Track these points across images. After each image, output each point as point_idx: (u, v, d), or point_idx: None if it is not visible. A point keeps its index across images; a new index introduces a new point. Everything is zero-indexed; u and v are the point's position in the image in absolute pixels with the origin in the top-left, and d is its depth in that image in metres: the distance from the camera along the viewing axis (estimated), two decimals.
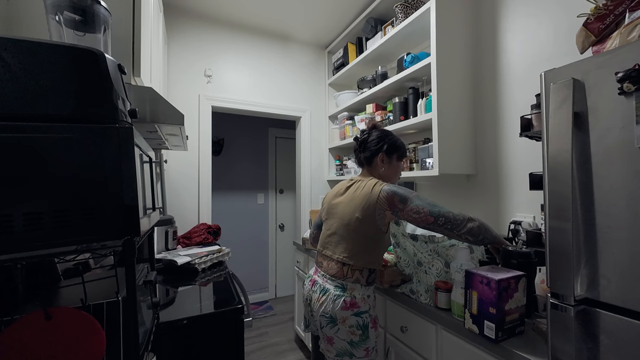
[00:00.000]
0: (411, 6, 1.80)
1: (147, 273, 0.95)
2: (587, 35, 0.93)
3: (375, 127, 1.29)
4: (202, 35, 2.27)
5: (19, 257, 0.50)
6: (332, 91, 2.70)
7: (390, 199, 1.09)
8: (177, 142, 1.66)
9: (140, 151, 0.69)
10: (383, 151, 1.22)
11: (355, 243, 1.14)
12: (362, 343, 1.09)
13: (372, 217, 1.11)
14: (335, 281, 1.14)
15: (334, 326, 1.10)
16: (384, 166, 1.23)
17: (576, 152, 0.70)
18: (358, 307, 1.10)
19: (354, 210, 1.14)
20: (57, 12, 0.66)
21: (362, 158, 1.27)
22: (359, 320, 1.09)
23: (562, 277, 0.69)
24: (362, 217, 1.12)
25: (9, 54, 0.47)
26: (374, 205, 1.10)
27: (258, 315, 3.11)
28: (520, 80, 1.43)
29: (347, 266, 1.13)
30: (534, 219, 1.31)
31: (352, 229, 1.14)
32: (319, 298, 1.14)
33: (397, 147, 1.24)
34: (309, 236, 1.47)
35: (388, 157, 1.23)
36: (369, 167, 1.26)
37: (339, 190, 1.27)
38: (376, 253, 1.16)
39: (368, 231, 1.13)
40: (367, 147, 1.24)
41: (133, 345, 0.58)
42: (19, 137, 0.47)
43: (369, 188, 1.14)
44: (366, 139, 1.26)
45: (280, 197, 3.69)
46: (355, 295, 1.11)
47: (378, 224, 1.12)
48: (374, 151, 1.23)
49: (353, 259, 1.13)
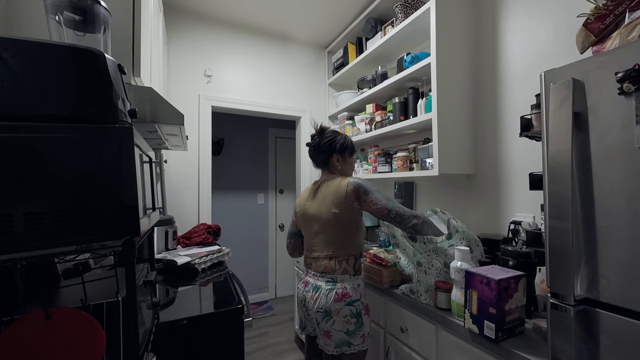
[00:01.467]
0: (411, 6, 1.79)
1: (147, 273, 0.95)
2: (587, 35, 0.93)
3: (323, 130, 1.35)
4: (202, 35, 2.27)
5: (19, 257, 0.50)
6: (332, 91, 2.70)
7: (357, 191, 1.20)
8: (177, 142, 1.66)
9: (140, 151, 0.69)
10: (337, 152, 1.31)
11: (338, 235, 1.23)
12: (358, 330, 1.16)
13: (346, 207, 1.21)
14: (325, 277, 1.21)
15: (330, 319, 1.16)
16: (340, 164, 1.32)
17: (576, 152, 0.70)
18: (350, 297, 1.17)
19: (329, 208, 1.23)
20: (57, 12, 0.66)
21: (319, 161, 1.34)
22: (352, 309, 1.16)
23: (562, 277, 0.69)
24: (339, 211, 1.21)
25: (9, 54, 0.47)
26: (344, 198, 1.21)
27: (258, 315, 3.11)
28: (520, 80, 1.43)
29: (335, 259, 1.22)
30: (534, 219, 1.31)
31: (332, 224, 1.23)
32: (313, 296, 1.21)
33: (347, 145, 1.33)
34: (287, 247, 1.49)
35: (341, 155, 1.32)
36: (327, 168, 1.34)
37: (308, 195, 1.35)
38: (357, 238, 1.26)
39: (347, 221, 1.22)
40: (321, 150, 1.31)
41: (133, 345, 0.58)
42: (19, 137, 0.47)
43: (337, 184, 1.24)
44: (318, 142, 1.32)
45: (280, 197, 3.69)
46: (345, 286, 1.18)
47: (354, 213, 1.23)
48: (327, 153, 1.31)
49: (339, 250, 1.22)
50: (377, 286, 1.41)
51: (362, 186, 1.20)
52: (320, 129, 1.35)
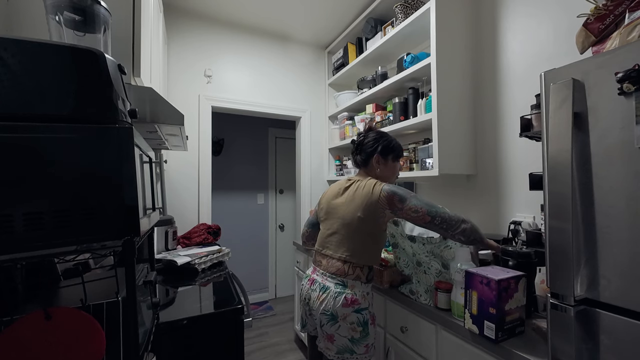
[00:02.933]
0: (411, 6, 1.80)
1: (147, 273, 0.95)
2: (587, 36, 0.94)
3: (371, 129, 1.32)
4: (202, 35, 2.27)
5: (19, 257, 0.50)
6: (332, 91, 2.70)
7: (390, 199, 1.12)
8: (177, 142, 1.66)
9: (140, 151, 0.69)
10: (378, 152, 1.25)
11: (357, 241, 1.16)
12: (363, 340, 1.11)
13: (374, 215, 1.14)
14: (335, 279, 1.15)
15: (335, 323, 1.11)
16: (380, 167, 1.26)
17: (576, 152, 0.70)
18: (359, 304, 1.11)
19: (355, 210, 1.16)
20: (57, 12, 0.66)
21: (358, 160, 1.30)
22: (359, 316, 1.11)
23: (562, 277, 0.69)
24: (364, 217, 1.14)
25: (9, 54, 0.47)
26: (375, 204, 1.13)
27: (258, 315, 3.11)
28: (520, 80, 1.43)
29: (349, 264, 1.15)
30: (534, 219, 1.31)
31: (353, 228, 1.16)
32: (319, 296, 1.15)
33: (392, 148, 1.27)
34: (302, 235, 1.47)
35: (383, 158, 1.26)
36: (365, 169, 1.29)
37: (338, 190, 1.28)
38: (376, 250, 1.20)
39: (370, 229, 1.16)
40: (363, 149, 1.27)
41: (133, 345, 0.58)
42: (19, 137, 0.47)
43: (370, 188, 1.16)
44: (362, 141, 1.28)
45: (280, 197, 3.69)
46: (355, 292, 1.13)
47: (379, 222, 1.16)
48: (369, 153, 1.26)
49: (355, 257, 1.15)
50: (377, 286, 1.41)
51: (397, 193, 1.12)
52: (369, 128, 1.31)
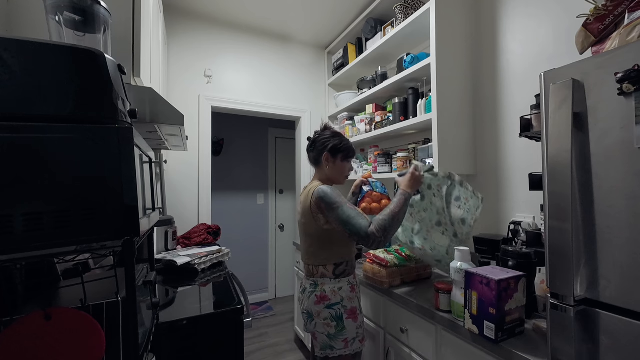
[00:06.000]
0: (411, 7, 1.80)
1: (146, 273, 0.95)
2: (586, 36, 0.94)
3: (327, 127, 1.34)
4: (202, 35, 2.27)
5: (19, 258, 0.50)
6: (332, 91, 2.70)
7: (319, 204, 1.15)
8: (177, 143, 1.66)
9: (140, 151, 0.69)
10: (327, 150, 1.26)
11: (309, 244, 1.24)
12: (339, 334, 1.15)
13: (311, 218, 1.19)
14: (309, 280, 1.25)
15: (312, 321, 1.20)
16: (329, 165, 1.27)
17: (576, 152, 0.70)
18: (328, 300, 1.17)
19: (301, 216, 1.24)
20: (57, 13, 0.66)
21: (311, 157, 1.33)
22: (331, 312, 1.16)
23: (562, 278, 0.69)
24: (305, 221, 1.22)
25: (9, 54, 0.47)
26: (309, 208, 1.18)
27: (258, 315, 3.11)
28: (520, 80, 1.43)
29: (311, 265, 1.24)
30: (534, 219, 1.31)
31: (303, 232, 1.25)
32: (301, 297, 1.27)
33: (342, 148, 1.27)
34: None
35: (332, 156, 1.27)
36: (317, 167, 1.32)
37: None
38: (333, 248, 1.21)
39: (315, 232, 1.20)
40: (316, 146, 1.29)
41: (133, 345, 0.58)
42: (19, 137, 0.47)
43: (308, 193, 1.21)
44: (316, 138, 1.30)
45: (280, 198, 3.68)
46: (324, 289, 1.19)
47: (319, 224, 1.18)
48: (320, 150, 1.28)
49: (312, 259, 1.23)
50: (376, 286, 1.41)
51: (324, 200, 1.12)
52: (325, 126, 1.33)
